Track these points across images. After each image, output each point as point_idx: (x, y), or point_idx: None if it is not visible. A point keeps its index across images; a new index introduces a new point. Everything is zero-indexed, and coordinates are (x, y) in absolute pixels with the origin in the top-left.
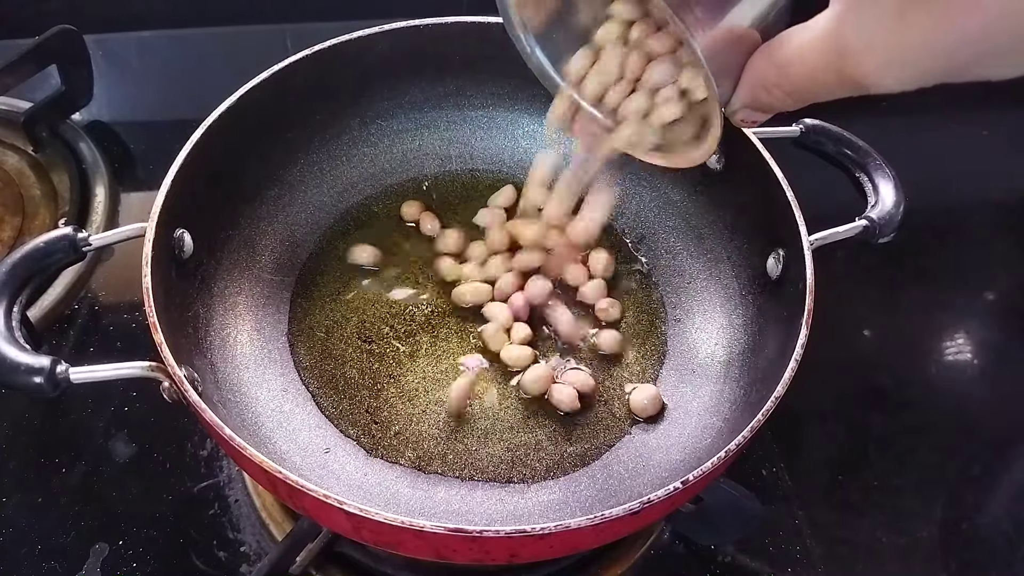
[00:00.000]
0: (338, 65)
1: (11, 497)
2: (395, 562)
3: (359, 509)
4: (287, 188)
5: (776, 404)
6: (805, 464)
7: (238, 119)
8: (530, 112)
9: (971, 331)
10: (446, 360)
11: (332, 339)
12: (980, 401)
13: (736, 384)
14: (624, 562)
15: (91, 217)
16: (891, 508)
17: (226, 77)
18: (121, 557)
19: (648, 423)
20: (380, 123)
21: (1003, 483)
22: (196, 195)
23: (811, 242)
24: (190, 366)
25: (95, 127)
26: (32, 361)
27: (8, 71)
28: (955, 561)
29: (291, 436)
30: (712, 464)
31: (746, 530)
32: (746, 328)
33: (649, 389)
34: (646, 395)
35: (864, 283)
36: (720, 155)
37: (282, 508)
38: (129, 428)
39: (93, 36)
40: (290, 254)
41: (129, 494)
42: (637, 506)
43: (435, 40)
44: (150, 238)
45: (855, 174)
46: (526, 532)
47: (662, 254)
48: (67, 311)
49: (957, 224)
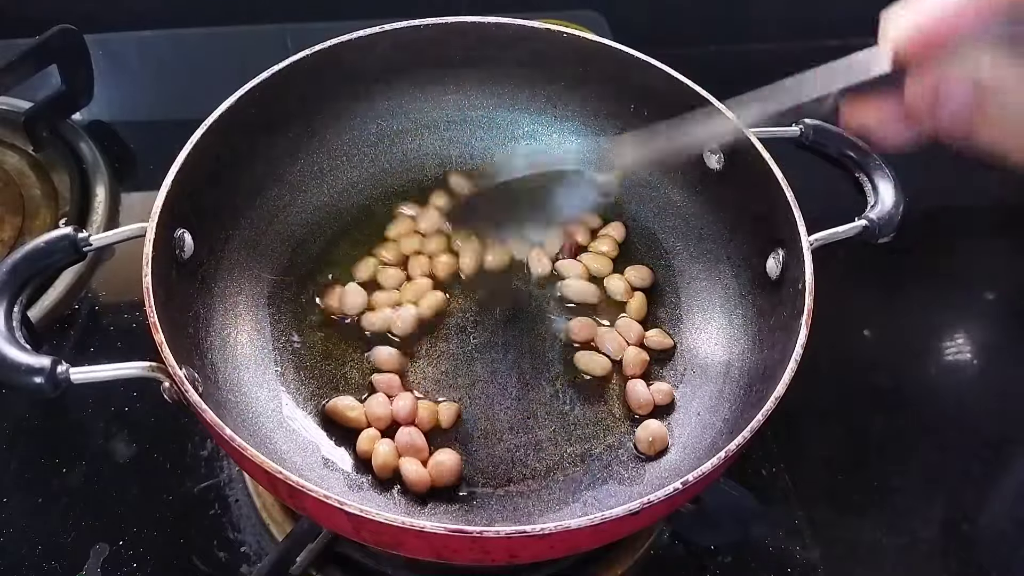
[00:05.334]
0: (338, 65)
1: (11, 497)
2: (395, 562)
3: (359, 510)
4: (287, 188)
5: (776, 404)
6: (805, 464)
7: (238, 119)
8: (530, 112)
9: (971, 331)
10: (445, 361)
11: (332, 339)
12: (980, 401)
13: (736, 384)
14: (624, 562)
15: (91, 217)
16: (891, 508)
17: (226, 77)
18: (121, 557)
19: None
20: (380, 123)
21: (1003, 483)
22: (196, 195)
23: (811, 242)
24: (190, 366)
25: (95, 127)
26: (32, 361)
27: (8, 71)
28: (955, 561)
29: (291, 436)
30: (712, 464)
31: (746, 530)
32: (746, 328)
33: (655, 427)
34: (651, 433)
35: (864, 283)
36: (720, 155)
37: (282, 508)
38: (129, 428)
39: (93, 36)
40: (290, 254)
41: (129, 494)
42: (637, 506)
43: (435, 40)
44: (150, 238)
45: (855, 174)
46: (526, 532)
47: (662, 254)
48: (67, 311)
49: (957, 224)
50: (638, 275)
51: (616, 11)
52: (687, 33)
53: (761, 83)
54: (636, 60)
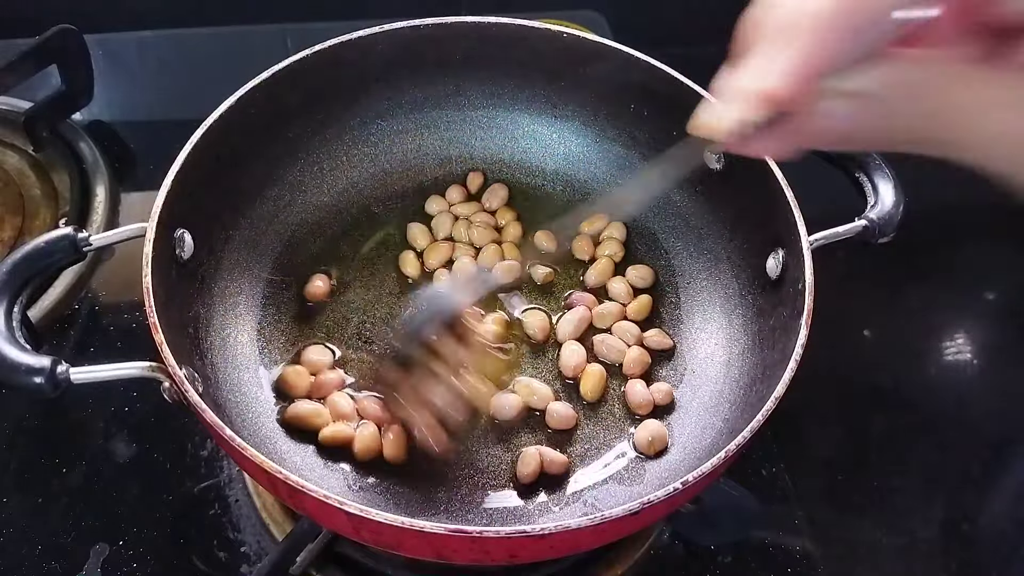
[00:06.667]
0: (338, 65)
1: (11, 497)
2: (395, 562)
3: (359, 510)
4: (287, 188)
5: (776, 404)
6: (805, 464)
7: (238, 119)
8: (530, 112)
9: (971, 331)
10: None
11: (332, 339)
12: (980, 401)
13: (736, 384)
14: (624, 562)
15: (91, 217)
16: (891, 508)
17: (226, 77)
18: (121, 557)
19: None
20: (380, 123)
21: (1003, 483)
22: (196, 195)
23: (811, 242)
24: (190, 366)
25: (95, 127)
26: (32, 361)
27: (8, 71)
28: (955, 561)
29: (291, 436)
30: (712, 465)
31: (746, 530)
32: (746, 328)
33: (654, 426)
34: (650, 432)
35: (864, 283)
36: (720, 155)
37: (282, 508)
38: (129, 428)
39: (93, 36)
40: (290, 254)
41: (129, 494)
42: (637, 507)
43: (435, 40)
44: (150, 238)
45: (855, 174)
46: (526, 532)
47: (662, 254)
48: (67, 311)
49: (957, 224)
50: (639, 275)
51: (616, 11)
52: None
53: None
54: (636, 60)
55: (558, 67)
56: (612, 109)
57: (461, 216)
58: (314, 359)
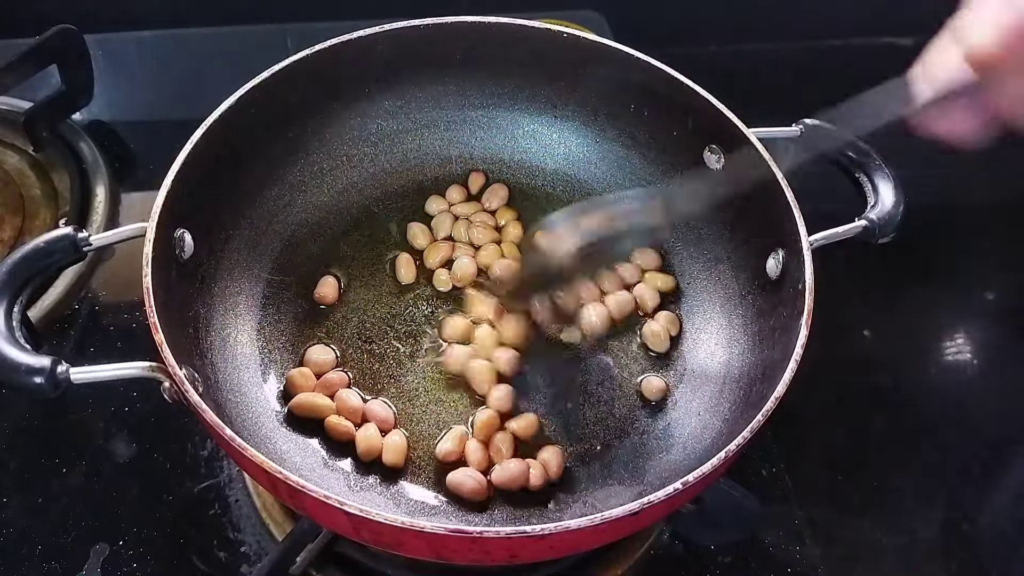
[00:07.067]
0: (338, 65)
1: (11, 497)
2: (395, 562)
3: (359, 510)
4: (287, 188)
5: (776, 404)
6: (805, 464)
7: (238, 119)
8: (530, 112)
9: (971, 331)
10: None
11: (332, 339)
12: (980, 401)
13: (736, 384)
14: (624, 562)
15: (91, 217)
16: (891, 508)
17: (226, 77)
18: (121, 557)
19: (648, 423)
20: (380, 123)
21: (1003, 483)
22: (196, 195)
23: (811, 242)
24: (190, 366)
25: (95, 127)
26: (32, 361)
27: (8, 71)
28: (955, 561)
29: (291, 436)
30: (712, 465)
31: (746, 530)
32: (746, 328)
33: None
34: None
35: (864, 283)
36: (720, 155)
37: (282, 508)
38: (129, 428)
39: (93, 36)
40: (290, 254)
41: (129, 494)
42: (637, 507)
43: (435, 40)
44: (150, 238)
45: (855, 174)
46: (526, 532)
47: (662, 254)
48: (67, 311)
49: (957, 224)
50: (645, 259)
51: (616, 11)
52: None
53: (761, 83)
54: (636, 60)
55: (558, 67)
56: (612, 109)
57: (461, 216)
58: (317, 359)
